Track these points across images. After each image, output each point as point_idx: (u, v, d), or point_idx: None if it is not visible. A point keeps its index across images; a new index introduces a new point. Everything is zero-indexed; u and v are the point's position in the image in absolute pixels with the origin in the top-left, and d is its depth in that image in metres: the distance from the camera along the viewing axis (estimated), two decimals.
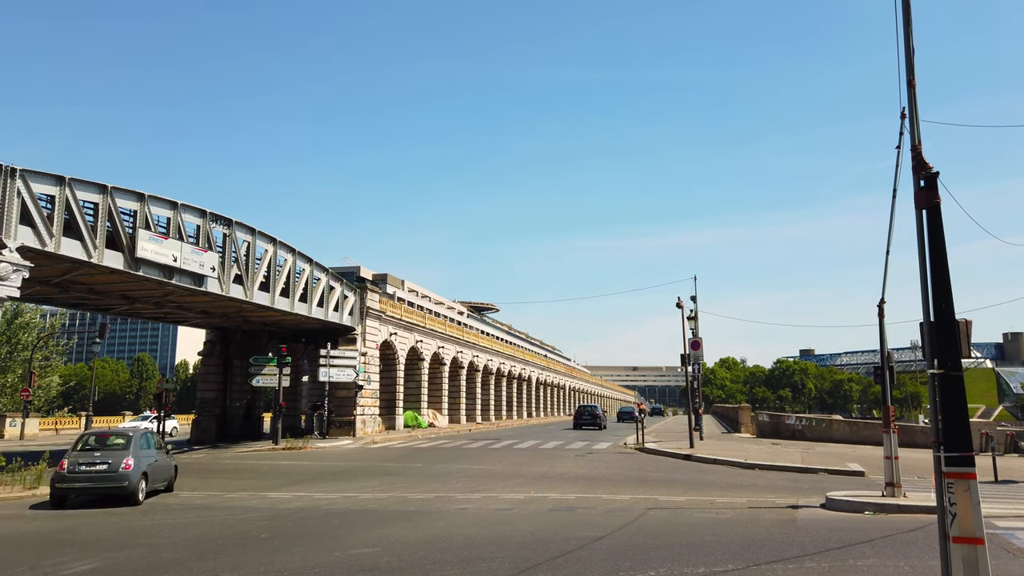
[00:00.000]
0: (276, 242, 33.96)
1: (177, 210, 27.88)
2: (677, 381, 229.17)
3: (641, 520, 13.11)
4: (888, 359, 15.70)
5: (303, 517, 14.10)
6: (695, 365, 35.60)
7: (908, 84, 7.24)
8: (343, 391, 40.22)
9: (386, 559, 10.05)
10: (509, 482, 19.36)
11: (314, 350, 40.19)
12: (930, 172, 6.80)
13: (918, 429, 37.26)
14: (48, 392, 61.66)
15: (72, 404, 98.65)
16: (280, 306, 34.33)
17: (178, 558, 10.66)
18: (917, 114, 7.20)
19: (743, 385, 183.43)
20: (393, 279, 71.06)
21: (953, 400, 6.41)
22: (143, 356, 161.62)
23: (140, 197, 26.12)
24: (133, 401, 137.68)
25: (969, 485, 6.22)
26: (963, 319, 7.02)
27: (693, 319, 36.65)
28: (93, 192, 24.42)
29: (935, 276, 6.64)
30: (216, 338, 42.99)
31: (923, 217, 6.78)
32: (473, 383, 67.50)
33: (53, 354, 64.33)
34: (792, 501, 15.69)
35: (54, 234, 22.79)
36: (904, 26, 7.22)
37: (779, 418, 43.62)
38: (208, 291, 29.48)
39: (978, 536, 6.14)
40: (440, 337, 58.03)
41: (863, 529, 12.30)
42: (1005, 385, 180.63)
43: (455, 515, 14.05)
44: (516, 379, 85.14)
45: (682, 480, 19.73)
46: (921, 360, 7.85)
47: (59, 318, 70.13)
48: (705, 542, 10.91)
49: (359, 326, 42.09)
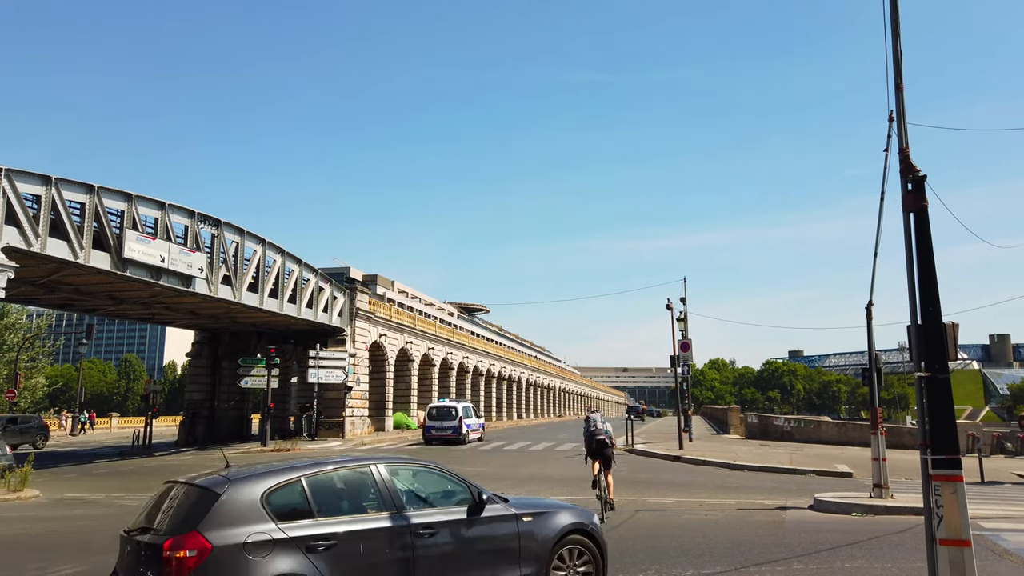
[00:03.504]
0: (265, 243, 33.79)
1: (165, 210, 27.70)
2: (667, 382, 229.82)
3: (630, 522, 13.10)
4: (876, 361, 15.77)
5: None
6: (684, 366, 35.66)
7: (896, 88, 7.26)
8: (332, 392, 40.06)
9: None
10: (498, 484, 19.29)
11: (303, 351, 40.03)
12: (918, 175, 6.82)
13: (906, 430, 37.46)
14: (34, 393, 61.20)
15: (59, 405, 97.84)
16: (269, 307, 34.17)
17: None
18: (905, 118, 7.22)
19: (732, 386, 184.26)
20: (383, 280, 70.81)
21: (940, 402, 6.43)
22: (131, 357, 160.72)
23: (127, 197, 25.93)
24: (121, 402, 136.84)
25: (956, 487, 6.23)
26: (950, 322, 7.04)
27: (683, 321, 36.71)
28: (80, 192, 24.24)
29: (922, 279, 6.66)
30: (204, 339, 42.75)
31: (910, 220, 6.80)
32: (463, 384, 67.40)
33: (39, 355, 63.78)
34: (781, 503, 15.73)
35: (40, 234, 22.61)
36: (892, 30, 7.24)
37: (768, 419, 43.79)
38: (196, 292, 29.30)
39: (964, 538, 6.16)
40: (430, 338, 57.93)
41: (851, 531, 12.34)
42: (991, 386, 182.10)
43: None
44: (506, 380, 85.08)
45: (671, 481, 19.75)
46: (909, 361, 7.87)
47: (45, 319, 69.55)
48: (694, 544, 10.92)
49: (348, 327, 41.94)
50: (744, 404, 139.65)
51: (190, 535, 5.76)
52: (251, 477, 6.43)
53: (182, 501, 6.30)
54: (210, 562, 5.68)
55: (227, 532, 5.85)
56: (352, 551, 6.32)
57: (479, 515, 7.21)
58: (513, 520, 7.45)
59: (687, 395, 36.60)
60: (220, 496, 6.07)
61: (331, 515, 6.47)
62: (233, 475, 6.44)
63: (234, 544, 5.82)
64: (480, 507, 7.26)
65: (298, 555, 6.03)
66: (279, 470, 6.66)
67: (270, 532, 6.01)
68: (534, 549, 7.42)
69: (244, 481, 6.33)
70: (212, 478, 6.48)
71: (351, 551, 6.31)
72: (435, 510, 7.10)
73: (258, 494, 6.22)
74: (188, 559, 5.63)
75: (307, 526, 6.22)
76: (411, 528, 6.72)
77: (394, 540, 6.59)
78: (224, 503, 6.02)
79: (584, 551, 7.80)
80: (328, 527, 6.32)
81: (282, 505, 6.26)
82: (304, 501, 6.39)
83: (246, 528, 5.94)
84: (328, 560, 6.14)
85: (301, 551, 6.05)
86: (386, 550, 6.53)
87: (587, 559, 7.79)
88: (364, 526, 6.51)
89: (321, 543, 6.16)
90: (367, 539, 6.46)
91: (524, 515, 7.55)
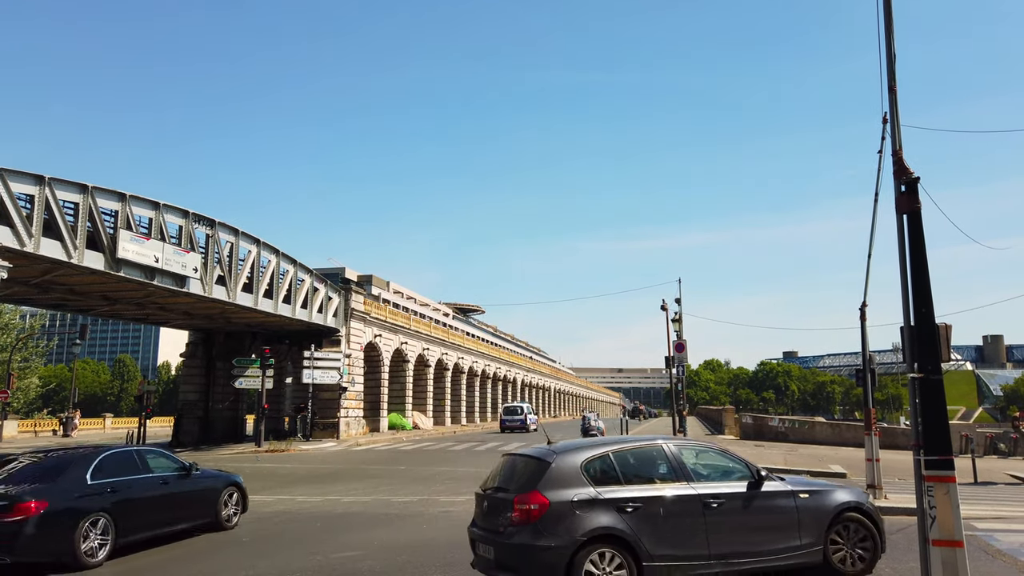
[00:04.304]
0: (260, 243, 33.73)
1: (159, 210, 27.62)
2: (662, 383, 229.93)
3: None
4: (870, 362, 15.79)
5: (285, 520, 13.99)
6: (679, 367, 35.67)
7: (889, 90, 7.28)
8: (327, 393, 39.99)
9: (368, 563, 9.99)
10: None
11: (298, 352, 39.95)
12: (911, 177, 6.84)
13: (899, 431, 37.56)
14: (27, 394, 60.93)
15: (52, 406, 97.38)
16: (263, 307, 34.09)
17: (162, 561, 10.55)
18: (898, 119, 7.23)
19: (727, 387, 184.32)
20: (379, 280, 70.68)
21: (933, 403, 6.45)
22: (125, 357, 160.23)
23: (121, 197, 25.86)
24: (115, 403, 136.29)
25: (949, 488, 6.26)
26: (943, 323, 7.07)
27: (678, 321, 36.67)
28: (73, 192, 24.16)
29: (915, 280, 6.67)
30: (199, 339, 42.64)
31: (904, 222, 6.82)
32: (458, 385, 67.36)
33: (33, 355, 63.53)
34: None
35: (33, 234, 22.52)
36: (886, 32, 7.25)
37: (762, 420, 43.86)
38: (190, 292, 29.23)
39: (957, 539, 6.19)
40: (425, 339, 57.87)
41: None
42: (985, 387, 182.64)
43: (439, 518, 13.99)
44: (501, 381, 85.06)
45: None
46: (902, 362, 7.95)
47: (39, 319, 69.32)
48: None
49: (343, 328, 41.88)
50: (739, 405, 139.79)
51: (532, 493, 7.51)
52: (571, 450, 8.08)
53: (523, 468, 8.16)
54: (549, 513, 7.37)
55: (559, 492, 7.49)
56: (654, 513, 7.59)
57: (759, 489, 8.17)
58: (791, 496, 8.31)
59: (682, 396, 36.61)
60: (551, 464, 7.74)
61: (634, 483, 7.86)
62: (557, 448, 8.17)
63: (565, 500, 7.44)
64: (759, 482, 8.22)
65: (612, 513, 7.49)
66: (591, 445, 8.31)
67: (590, 493, 7.55)
68: (811, 523, 8.20)
69: (566, 453, 7.98)
70: (542, 450, 8.24)
71: (653, 513, 7.58)
72: (719, 483, 8.15)
73: (578, 463, 7.81)
74: (533, 510, 7.40)
75: (617, 490, 7.67)
76: (700, 497, 7.84)
77: (687, 506, 7.75)
78: (554, 469, 7.69)
79: (861, 528, 8.48)
80: (634, 492, 7.69)
81: (597, 472, 7.80)
82: (613, 470, 7.89)
83: (573, 490, 7.53)
84: (635, 519, 7.48)
85: (614, 510, 7.50)
86: (681, 514, 7.68)
87: (864, 535, 8.47)
88: (662, 493, 7.78)
89: (629, 505, 7.54)
90: (665, 504, 7.68)
91: (801, 492, 8.42)
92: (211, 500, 12.44)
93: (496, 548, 7.72)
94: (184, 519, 11.89)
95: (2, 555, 9.26)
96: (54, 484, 9.96)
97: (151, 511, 11.17)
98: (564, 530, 7.30)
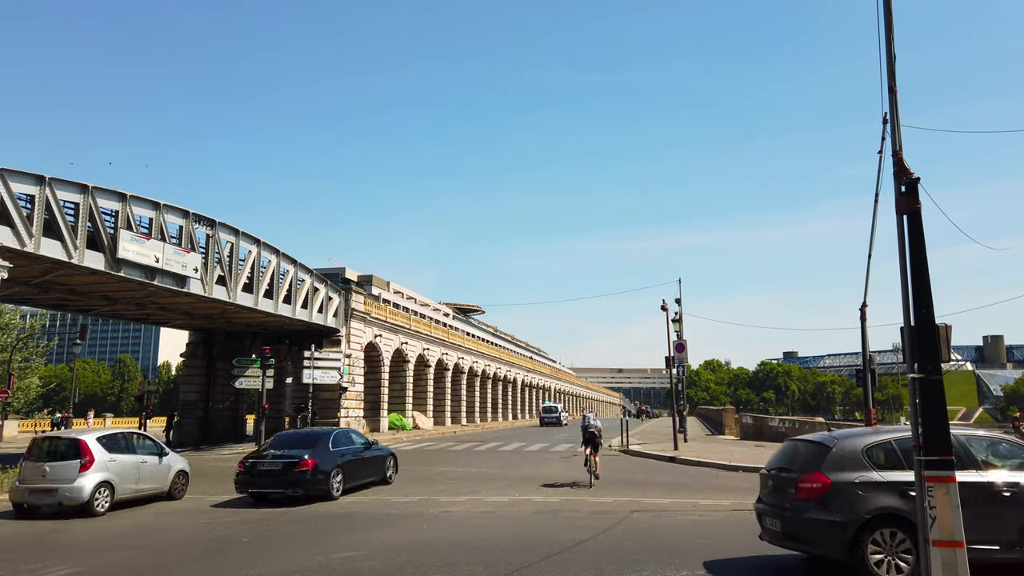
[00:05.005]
0: (260, 243, 33.73)
1: (159, 210, 27.62)
2: (662, 383, 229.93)
3: (625, 523, 13.12)
4: (870, 362, 15.85)
5: (285, 521, 14.00)
6: (679, 367, 35.67)
7: (889, 90, 7.28)
8: (327, 393, 39.99)
9: (369, 563, 9.99)
10: (494, 485, 19.32)
11: (298, 352, 39.92)
12: (911, 178, 6.85)
13: None
14: (28, 394, 60.89)
15: (52, 406, 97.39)
16: (264, 307, 34.11)
17: (160, 562, 10.57)
18: (899, 120, 7.23)
19: (727, 387, 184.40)
20: (379, 280, 70.70)
21: (933, 404, 6.46)
22: (125, 357, 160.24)
23: (122, 197, 25.86)
24: (115, 403, 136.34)
25: (948, 488, 6.27)
26: (943, 323, 7.10)
27: (678, 321, 36.66)
28: (74, 192, 24.16)
29: (915, 280, 6.68)
30: (199, 339, 42.65)
31: (904, 222, 6.82)
32: (458, 385, 67.37)
33: (33, 355, 63.49)
34: None
35: (34, 234, 22.52)
36: (886, 33, 7.25)
37: (763, 420, 43.83)
38: (191, 292, 29.24)
39: (957, 539, 6.20)
40: (425, 339, 57.88)
41: None
42: (985, 387, 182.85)
43: (439, 518, 14.00)
44: (501, 381, 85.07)
45: (666, 482, 19.76)
46: (902, 362, 8.08)
47: (39, 319, 69.35)
48: (689, 544, 10.93)
49: (344, 328, 41.89)
50: (739, 405, 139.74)
51: (815, 473, 8.32)
52: (852, 436, 8.81)
53: (804, 452, 8.97)
54: (830, 492, 8.11)
55: (840, 473, 8.23)
56: None
57: None
58: None
59: (682, 396, 36.63)
60: (832, 448, 8.51)
61: None
62: (838, 435, 8.93)
63: (847, 481, 8.15)
64: None
65: (895, 495, 7.99)
66: (872, 432, 8.92)
67: (872, 476, 8.18)
68: None
69: (847, 439, 8.72)
70: (822, 436, 9.17)
71: None
72: (1012, 472, 8.37)
73: (859, 448, 8.48)
74: (815, 489, 8.22)
75: (900, 475, 8.03)
76: (992, 484, 8.15)
77: (981, 493, 7.97)
78: (835, 453, 8.44)
79: None
80: None
81: (878, 457, 8.38)
82: (896, 455, 8.31)
83: (853, 472, 8.23)
84: None
85: (897, 493, 7.98)
86: (977, 502, 7.74)
87: None
88: None
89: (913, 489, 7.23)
90: None
91: None
92: (382, 464, 19.28)
93: (783, 521, 8.57)
94: (370, 476, 18.50)
95: (296, 489, 15.77)
96: (314, 449, 16.30)
97: (359, 468, 17.86)
98: (848, 507, 7.99)
